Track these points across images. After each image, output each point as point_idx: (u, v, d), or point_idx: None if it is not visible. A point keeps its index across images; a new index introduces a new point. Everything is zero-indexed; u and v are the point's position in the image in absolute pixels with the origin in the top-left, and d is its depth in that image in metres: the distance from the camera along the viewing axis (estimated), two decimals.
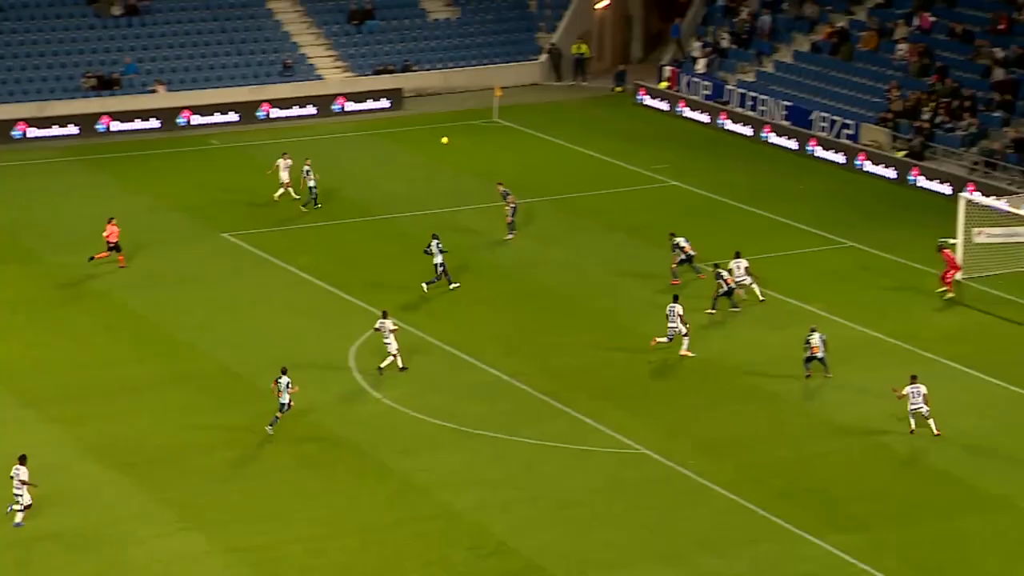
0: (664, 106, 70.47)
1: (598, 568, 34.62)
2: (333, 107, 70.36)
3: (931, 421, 39.96)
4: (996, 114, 61.72)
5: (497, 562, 34.94)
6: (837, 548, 34.96)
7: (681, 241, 49.87)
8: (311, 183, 57.30)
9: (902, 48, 66.70)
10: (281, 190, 58.37)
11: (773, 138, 65.52)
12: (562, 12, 76.88)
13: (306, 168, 57.46)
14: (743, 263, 48.39)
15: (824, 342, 43.16)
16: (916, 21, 67.70)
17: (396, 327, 43.94)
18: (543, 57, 75.84)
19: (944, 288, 48.64)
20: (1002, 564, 34.47)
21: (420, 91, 73.04)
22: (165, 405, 42.25)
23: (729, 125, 67.36)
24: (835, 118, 64.13)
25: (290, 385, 40.40)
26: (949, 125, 61.97)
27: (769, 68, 70.28)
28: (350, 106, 70.60)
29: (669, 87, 71.19)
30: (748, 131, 66.56)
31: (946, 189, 58.49)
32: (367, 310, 48.50)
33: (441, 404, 42.35)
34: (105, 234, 51.92)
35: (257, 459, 39.43)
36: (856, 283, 50.72)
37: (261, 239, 54.69)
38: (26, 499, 36.01)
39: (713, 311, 47.35)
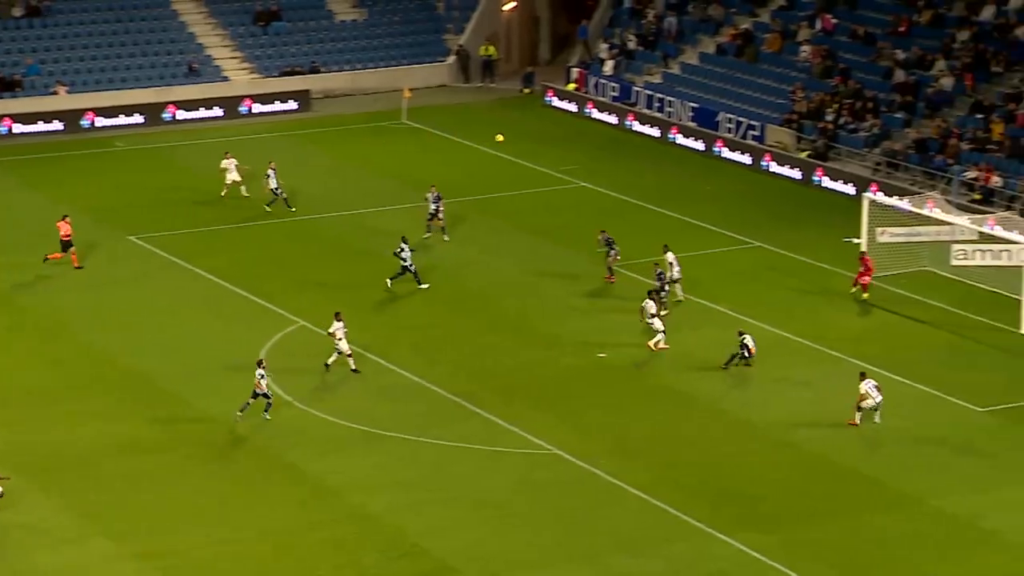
0: (572, 108, 70.56)
1: (511, 569, 34.48)
2: (240, 109, 69.75)
3: (877, 413, 40.34)
4: (898, 115, 62.37)
5: (409, 564, 34.73)
6: (750, 547, 35.05)
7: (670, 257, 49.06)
8: (273, 185, 56.68)
9: (805, 50, 67.25)
10: (226, 189, 58.15)
11: (680, 139, 65.79)
12: (470, 14, 76.76)
13: (269, 172, 56.80)
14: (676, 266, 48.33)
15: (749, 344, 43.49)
16: (819, 23, 68.30)
17: (346, 329, 43.73)
18: (451, 59, 75.69)
19: (858, 289, 48.71)
20: (914, 561, 34.70)
21: (328, 92, 72.62)
22: (74, 410, 41.62)
23: (637, 126, 67.55)
24: (741, 119, 64.51)
25: (264, 377, 40.77)
26: (852, 126, 62.54)
27: (675, 70, 70.60)
28: (257, 108, 70.04)
29: (577, 89, 71.30)
30: (655, 132, 66.78)
31: (850, 189, 59.01)
32: (277, 313, 48.10)
33: (353, 406, 42.04)
34: (62, 234, 51.13)
35: (167, 464, 38.93)
36: (764, 283, 51.01)
37: (169, 242, 54.08)
38: None
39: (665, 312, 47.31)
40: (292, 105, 70.66)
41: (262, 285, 50.27)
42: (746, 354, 43.88)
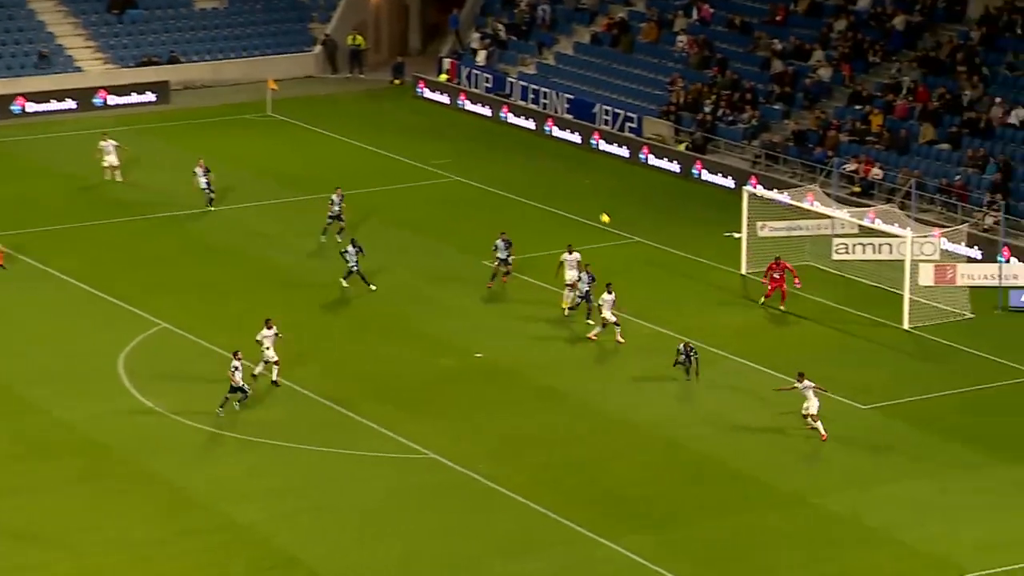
0: (444, 99, 70.48)
1: None
2: (94, 101, 68.79)
3: (818, 424, 40.38)
4: (776, 106, 63.07)
5: (280, 575, 34.43)
6: (631, 551, 35.32)
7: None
8: (203, 183, 55.75)
9: (682, 40, 67.79)
10: (109, 173, 57.67)
11: (556, 132, 65.97)
12: (336, 2, 76.35)
13: (199, 169, 55.90)
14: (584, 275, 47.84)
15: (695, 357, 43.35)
16: (695, 12, 68.88)
17: (279, 335, 43.14)
18: (317, 48, 75.25)
19: (776, 298, 48.92)
20: (796, 560, 35.18)
21: (188, 84, 71.87)
22: None
23: (511, 118, 67.60)
24: (618, 111, 64.77)
25: (238, 370, 41.11)
26: (731, 118, 63.14)
27: (550, 60, 70.78)
28: (113, 100, 69.15)
29: (449, 80, 71.26)
30: (531, 125, 66.87)
31: (729, 182, 59.59)
32: (136, 314, 47.52)
33: (210, 410, 41.64)
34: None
35: (21, 475, 38.34)
36: (643, 279, 51.33)
37: (20, 241, 53.16)
38: None
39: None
40: (150, 97, 69.84)
41: (119, 286, 49.67)
42: (682, 360, 43.26)
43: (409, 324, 47.73)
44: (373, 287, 48.96)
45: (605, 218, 52.06)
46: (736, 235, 52.29)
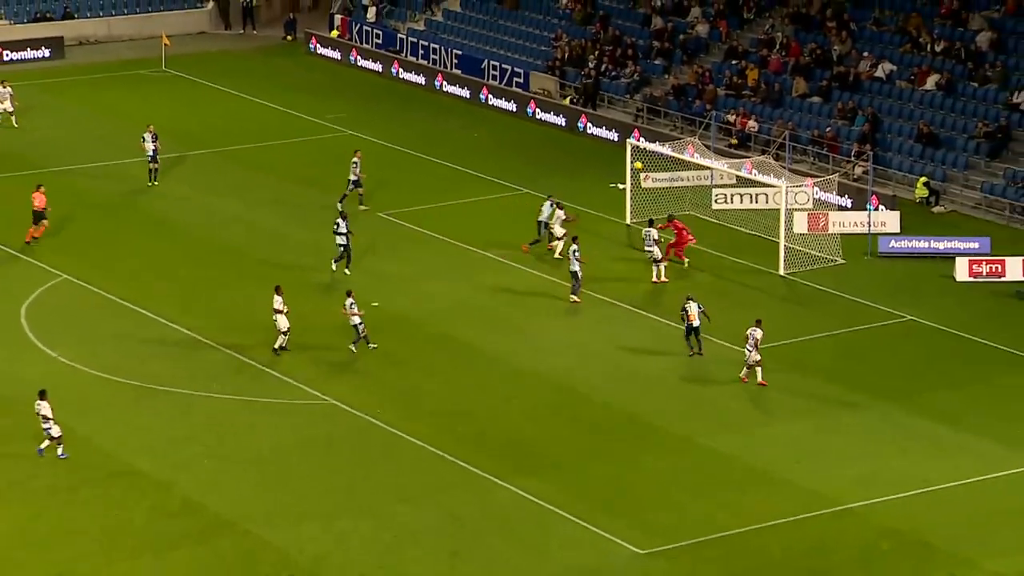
0: (336, 55, 69.70)
1: (290, 522, 34.08)
2: None
3: (758, 370, 40.11)
4: (657, 62, 63.09)
5: (183, 521, 34.12)
6: (526, 491, 35.26)
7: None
8: (150, 150, 53.68)
9: None
10: (3, 119, 57.00)
11: (446, 87, 65.54)
12: None
13: (148, 135, 54.12)
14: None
15: (703, 311, 41.98)
16: None
17: (286, 308, 41.48)
18: (210, 5, 74.13)
19: (680, 259, 48.72)
20: (683, 498, 35.28)
21: (83, 39, 70.48)
22: None
23: (403, 74, 67.07)
24: (505, 66, 64.50)
25: (353, 305, 41.34)
26: (614, 73, 63.04)
27: (439, 17, 70.22)
28: (7, 55, 67.64)
29: (340, 36, 70.43)
30: (421, 80, 66.40)
31: (613, 136, 59.55)
32: (37, 266, 46.55)
33: (120, 362, 41.10)
34: (36, 204, 48.51)
35: None
36: (533, 230, 50.93)
37: None
38: None
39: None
40: (44, 52, 68.42)
41: (19, 238, 48.56)
42: (688, 320, 41.71)
43: (305, 273, 47.22)
44: (347, 271, 46.96)
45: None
46: (621, 186, 52.24)
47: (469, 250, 49.20)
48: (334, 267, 46.81)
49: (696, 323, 41.71)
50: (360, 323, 41.64)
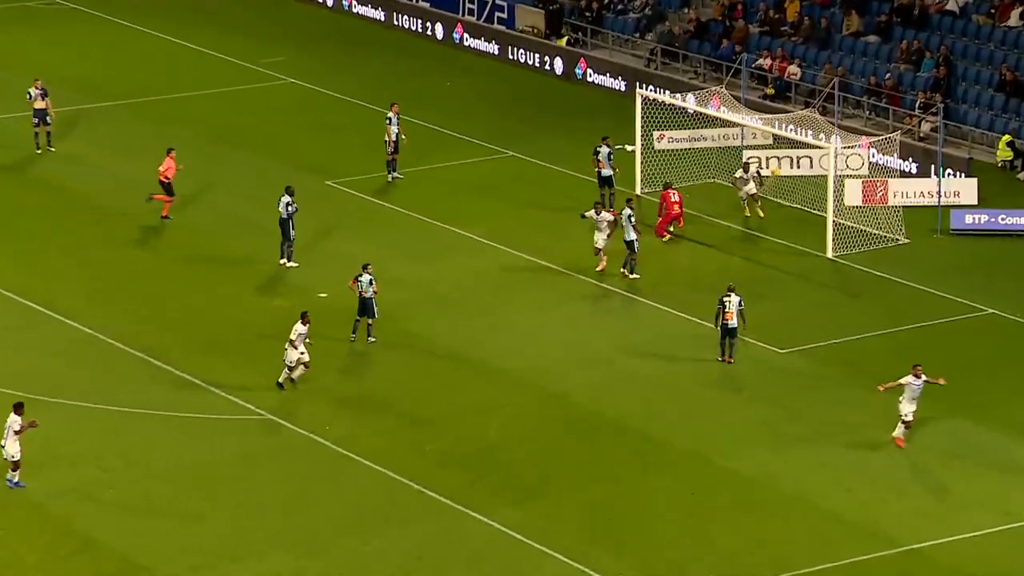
0: None
1: (215, 563, 34.43)
2: None
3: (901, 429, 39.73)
4: None
5: (84, 562, 34.46)
6: (502, 523, 35.66)
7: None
8: (40, 109, 54.04)
9: None
10: None
11: (411, 24, 65.83)
12: None
13: (34, 90, 54.33)
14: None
15: (741, 310, 42.06)
16: None
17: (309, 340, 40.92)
18: None
19: (661, 236, 49.26)
20: (694, 532, 35.58)
21: None
22: None
23: (357, 8, 67.36)
24: None
25: (373, 282, 42.35)
26: (620, 6, 63.42)
27: None
28: None
29: None
30: (379, 16, 66.73)
31: (620, 85, 59.87)
32: None
33: (10, 367, 41.50)
34: (162, 168, 49.14)
35: None
36: (518, 201, 51.57)
37: None
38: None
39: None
40: None
41: None
42: (724, 319, 41.91)
43: (235, 257, 47.57)
44: (293, 264, 47.39)
45: (630, 149, 51.47)
46: (629, 148, 52.63)
47: (440, 227, 49.56)
48: (283, 262, 47.15)
49: (733, 323, 42.03)
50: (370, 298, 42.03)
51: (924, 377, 38.19)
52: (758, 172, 50.58)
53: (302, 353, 40.38)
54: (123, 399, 40.24)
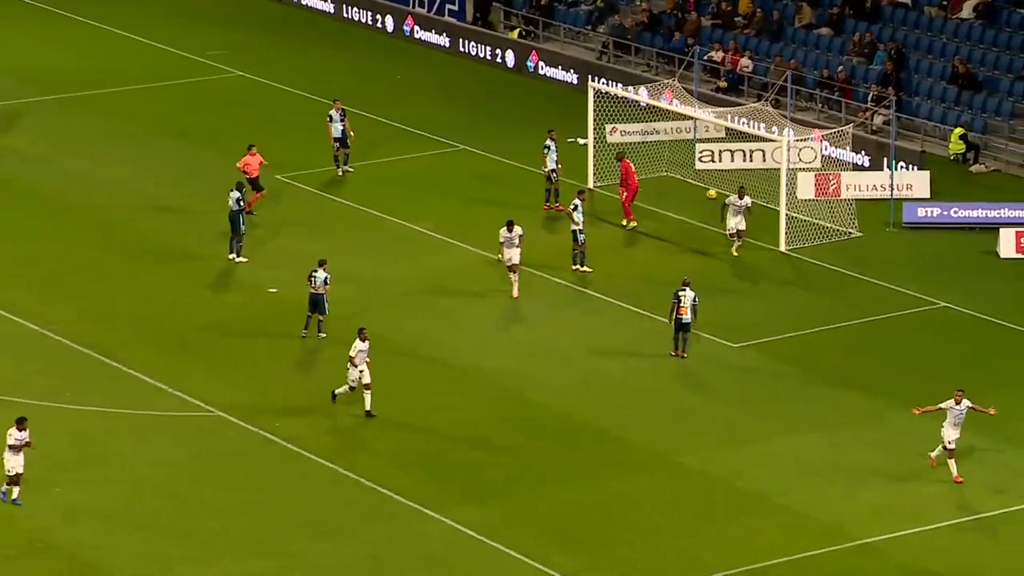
0: None
1: (170, 565, 34.28)
2: None
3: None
4: None
5: (36, 563, 34.27)
6: (462, 523, 35.62)
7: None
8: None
9: None
10: None
11: (360, 15, 65.72)
12: None
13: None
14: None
15: (695, 306, 42.17)
16: None
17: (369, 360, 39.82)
18: None
19: (628, 221, 49.35)
20: (660, 531, 35.67)
21: None
22: None
23: (305, 0, 67.31)
24: None
25: (328, 280, 42.12)
26: None
27: None
28: None
29: None
30: (329, 8, 66.59)
31: (572, 78, 59.91)
32: None
33: None
34: (240, 164, 48.67)
35: None
36: (470, 196, 51.54)
37: None
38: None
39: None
40: None
41: None
42: (679, 314, 42.10)
43: (184, 252, 47.51)
44: (243, 259, 47.15)
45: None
46: (582, 141, 52.67)
47: (391, 221, 49.50)
48: (232, 257, 46.97)
49: (687, 318, 42.13)
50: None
51: (967, 403, 37.05)
52: (748, 206, 47.47)
53: (361, 372, 39.27)
54: (74, 397, 40.06)
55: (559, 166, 50.06)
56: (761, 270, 47.49)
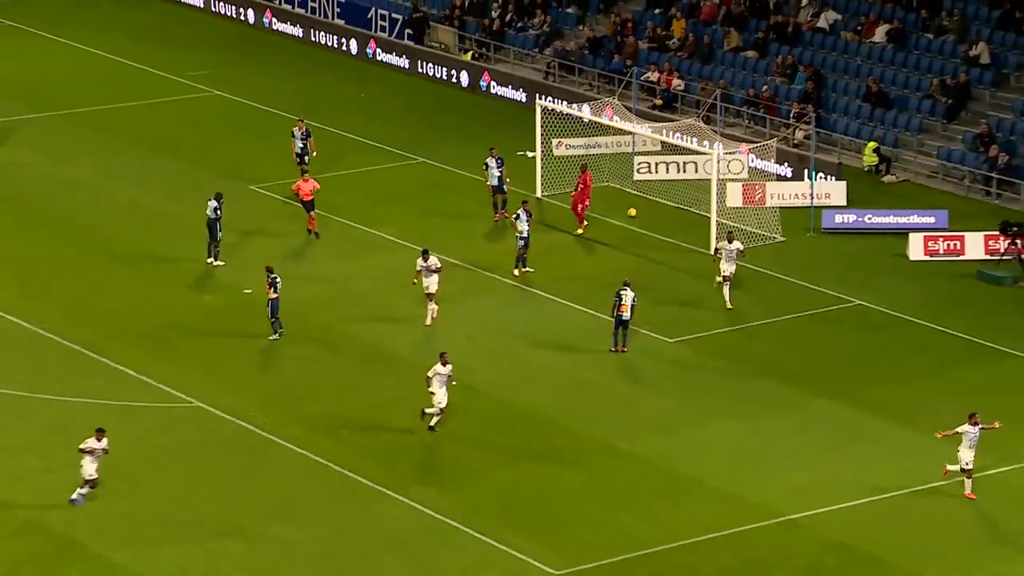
0: (198, 2, 69.36)
1: (151, 543, 33.95)
2: None
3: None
4: (569, 11, 63.31)
5: (25, 541, 33.95)
6: (422, 504, 35.38)
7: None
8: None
9: None
10: None
11: (327, 40, 65.39)
12: None
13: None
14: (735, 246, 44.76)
15: (634, 305, 41.79)
16: None
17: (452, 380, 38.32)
18: None
19: (580, 223, 49.03)
20: (599, 512, 35.49)
21: None
22: None
23: (277, 25, 66.86)
24: (395, 16, 64.45)
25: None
26: (520, 24, 63.21)
27: None
28: None
29: None
30: (298, 32, 66.24)
31: (521, 96, 59.70)
32: None
33: None
34: (293, 188, 47.63)
35: None
36: (428, 204, 51.25)
37: None
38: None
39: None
40: None
41: None
42: (619, 311, 41.73)
43: (162, 255, 47.08)
44: (221, 263, 46.61)
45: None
46: (530, 154, 52.47)
47: (355, 227, 49.11)
48: (210, 260, 46.51)
49: (627, 315, 41.87)
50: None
51: (981, 425, 36.00)
52: (740, 250, 44.60)
53: (435, 393, 38.05)
54: (60, 389, 39.57)
55: (507, 180, 49.72)
56: (694, 271, 47.31)
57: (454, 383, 38.23)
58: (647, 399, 40.28)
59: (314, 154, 51.60)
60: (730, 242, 44.69)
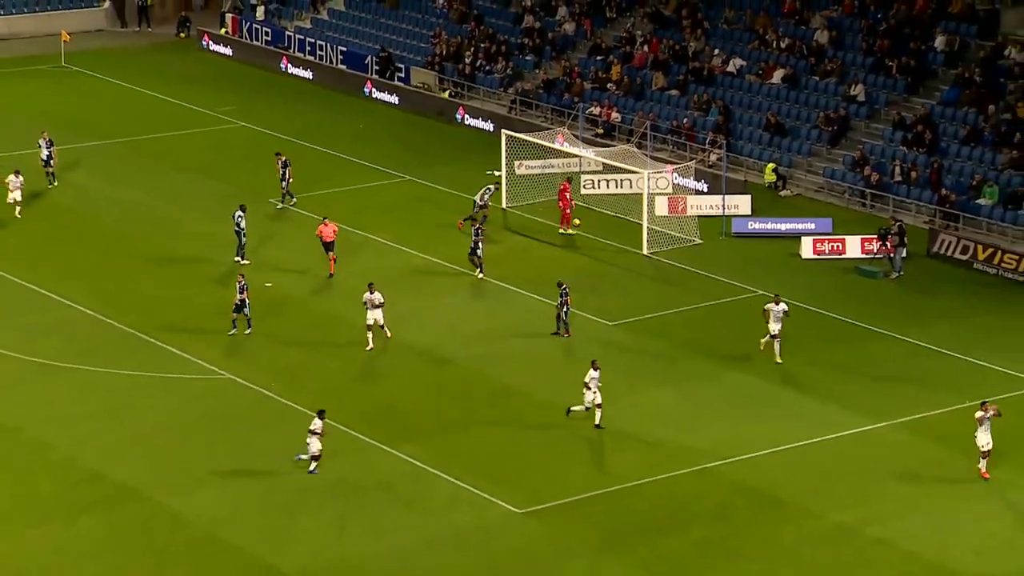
0: (227, 51, 68.96)
1: (191, 487, 33.92)
2: None
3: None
4: (528, 58, 63.21)
5: (88, 489, 33.77)
6: (409, 456, 35.31)
7: None
8: (44, 155, 51.80)
9: None
10: None
11: (332, 81, 65.02)
12: None
13: (42, 141, 52.24)
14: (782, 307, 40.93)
15: (565, 301, 41.28)
16: None
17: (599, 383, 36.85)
18: (107, 4, 73.06)
19: (565, 227, 48.91)
20: (551, 462, 35.42)
21: None
22: None
23: (291, 69, 66.55)
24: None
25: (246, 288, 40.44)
26: (488, 68, 63.08)
27: (324, 15, 69.74)
28: None
29: (230, 34, 69.70)
30: (308, 75, 65.95)
31: (489, 126, 59.58)
32: None
33: (19, 339, 40.49)
34: (317, 232, 45.65)
35: None
36: (414, 213, 51.08)
37: None
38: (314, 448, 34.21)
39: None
40: None
41: None
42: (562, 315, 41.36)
43: (193, 254, 46.84)
44: (246, 262, 45.96)
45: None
46: (497, 173, 52.35)
47: (353, 232, 48.81)
48: (239, 259, 46.11)
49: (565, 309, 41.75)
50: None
51: (991, 411, 34.64)
52: (786, 311, 40.27)
53: (595, 395, 36.60)
54: (114, 364, 39.39)
55: (488, 206, 49.17)
56: (630, 268, 47.29)
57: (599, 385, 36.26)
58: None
59: (291, 180, 50.98)
60: (777, 303, 40.54)
